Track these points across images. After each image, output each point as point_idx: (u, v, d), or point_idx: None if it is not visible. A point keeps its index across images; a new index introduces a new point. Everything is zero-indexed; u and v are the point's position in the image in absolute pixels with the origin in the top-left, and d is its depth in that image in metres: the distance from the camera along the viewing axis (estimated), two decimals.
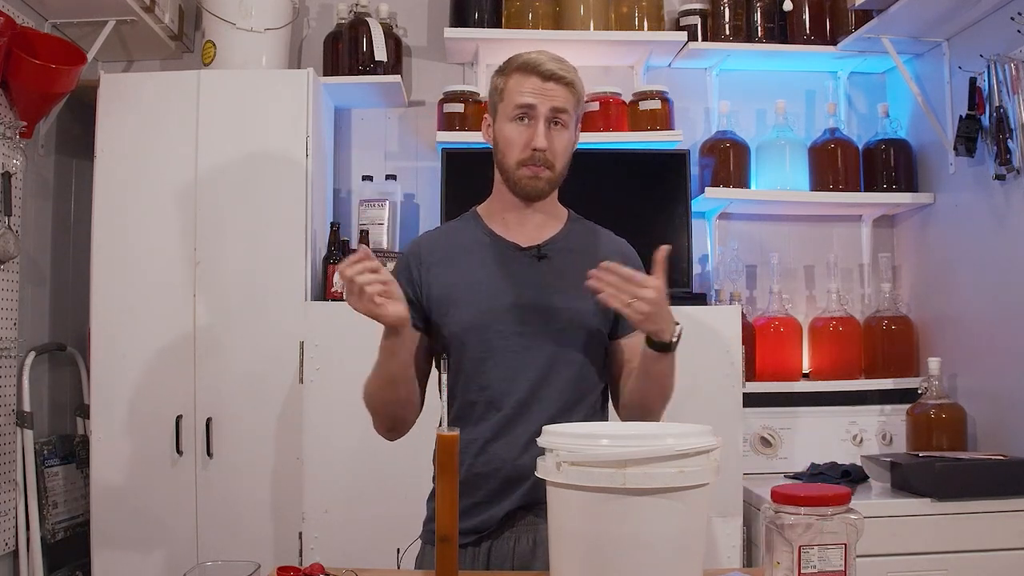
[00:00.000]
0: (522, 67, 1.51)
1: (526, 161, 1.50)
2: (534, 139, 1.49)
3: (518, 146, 1.51)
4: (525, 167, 1.51)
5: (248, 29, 2.63)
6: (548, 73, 1.49)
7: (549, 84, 1.49)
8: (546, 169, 1.51)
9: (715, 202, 2.84)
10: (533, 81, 1.49)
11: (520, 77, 1.51)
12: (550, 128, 1.50)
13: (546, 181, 1.52)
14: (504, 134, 1.52)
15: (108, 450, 2.42)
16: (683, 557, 1.10)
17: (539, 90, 1.49)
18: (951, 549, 2.19)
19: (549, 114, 1.49)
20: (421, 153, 2.96)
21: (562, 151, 1.52)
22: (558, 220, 1.61)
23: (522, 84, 1.50)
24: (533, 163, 1.50)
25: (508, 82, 1.52)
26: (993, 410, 2.51)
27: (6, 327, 2.40)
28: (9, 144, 2.38)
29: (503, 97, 1.53)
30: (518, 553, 1.47)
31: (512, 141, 1.51)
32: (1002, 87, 2.34)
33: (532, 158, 1.50)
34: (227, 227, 2.47)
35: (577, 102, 1.53)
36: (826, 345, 2.83)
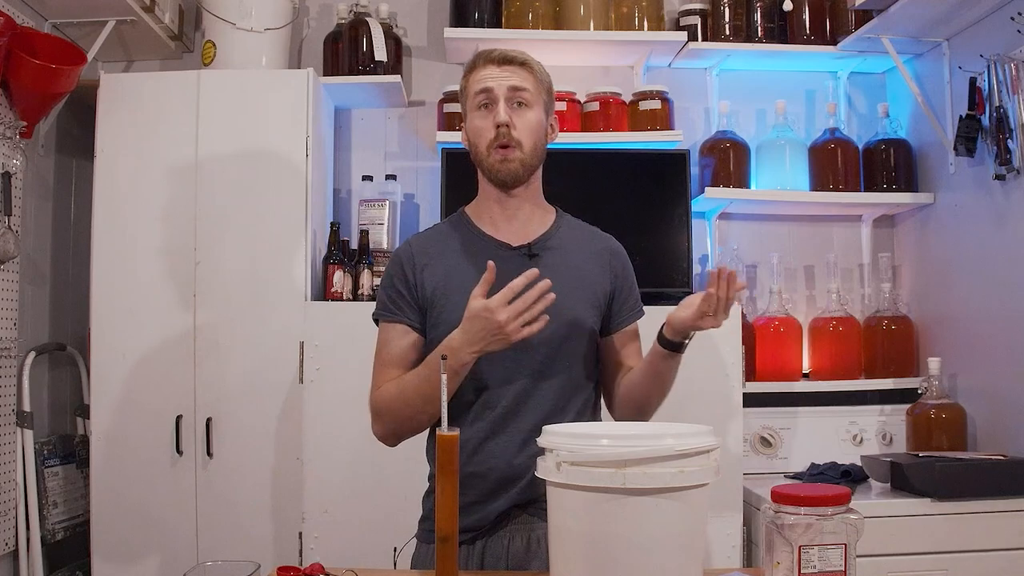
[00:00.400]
0: (476, 60, 1.55)
1: (493, 143, 1.51)
2: (496, 116, 1.50)
3: (484, 131, 1.52)
4: (495, 151, 1.52)
5: (248, 29, 2.63)
6: (501, 57, 1.52)
7: (504, 67, 1.52)
8: (515, 149, 1.51)
9: (715, 202, 2.84)
10: (488, 69, 1.53)
11: (477, 70, 1.54)
12: (512, 107, 1.51)
13: (518, 163, 1.52)
14: (474, 125, 1.55)
15: (108, 450, 2.42)
16: (683, 557, 1.10)
17: (495, 75, 1.52)
18: (951, 549, 2.19)
19: (508, 93, 1.51)
20: (421, 153, 2.96)
21: (528, 129, 1.52)
22: (546, 217, 1.61)
23: (479, 74, 1.53)
24: (500, 144, 1.51)
25: (468, 80, 1.56)
26: (993, 410, 2.51)
27: (6, 327, 2.40)
28: (9, 144, 2.38)
29: (466, 95, 1.56)
30: (512, 552, 1.47)
31: (479, 129, 1.53)
32: (1002, 87, 2.34)
33: (497, 137, 1.50)
34: (227, 227, 2.47)
35: (539, 84, 1.54)
36: (826, 345, 2.83)
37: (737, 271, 2.84)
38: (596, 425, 1.45)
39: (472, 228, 1.59)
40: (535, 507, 1.46)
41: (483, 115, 1.53)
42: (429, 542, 1.52)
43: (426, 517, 1.56)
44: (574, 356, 1.53)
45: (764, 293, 2.91)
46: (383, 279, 1.59)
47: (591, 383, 1.58)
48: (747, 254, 2.94)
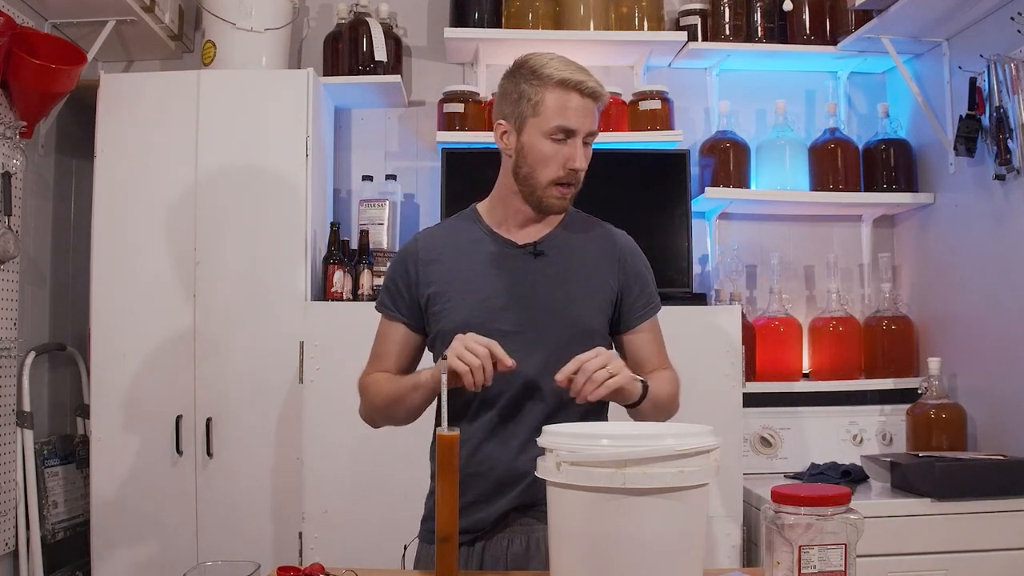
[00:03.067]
0: (562, 83, 1.46)
1: (560, 180, 1.49)
2: (573, 159, 1.47)
3: (554, 165, 1.48)
4: (558, 187, 1.50)
5: (248, 29, 2.63)
6: (590, 92, 1.46)
7: (587, 102, 1.47)
8: (573, 188, 1.51)
9: (715, 202, 2.84)
10: (574, 99, 1.46)
11: (561, 93, 1.46)
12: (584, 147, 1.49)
13: (571, 199, 1.53)
14: (539, 150, 1.48)
15: (108, 450, 2.42)
16: (683, 557, 1.10)
17: (582, 111, 1.46)
18: (951, 549, 2.19)
19: (586, 137, 1.49)
20: (421, 153, 2.96)
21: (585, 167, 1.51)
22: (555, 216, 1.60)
23: (565, 102, 1.46)
24: (566, 183, 1.49)
25: (546, 96, 1.46)
26: (993, 410, 2.51)
27: (6, 327, 2.40)
28: (9, 144, 2.38)
29: (538, 111, 1.47)
30: (512, 554, 1.47)
31: (548, 159, 1.48)
32: (1002, 87, 2.34)
33: (567, 177, 1.49)
34: (227, 227, 2.47)
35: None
36: (826, 345, 2.83)
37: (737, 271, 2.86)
38: (596, 425, 1.44)
39: (481, 225, 1.58)
40: (536, 510, 1.46)
41: (555, 147, 1.47)
42: (430, 542, 1.52)
43: (428, 517, 1.56)
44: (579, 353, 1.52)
45: (764, 293, 2.91)
46: (388, 272, 1.61)
47: None
48: (747, 254, 2.94)
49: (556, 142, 1.47)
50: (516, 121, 1.50)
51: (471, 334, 1.36)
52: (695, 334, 2.37)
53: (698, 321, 2.40)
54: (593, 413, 1.54)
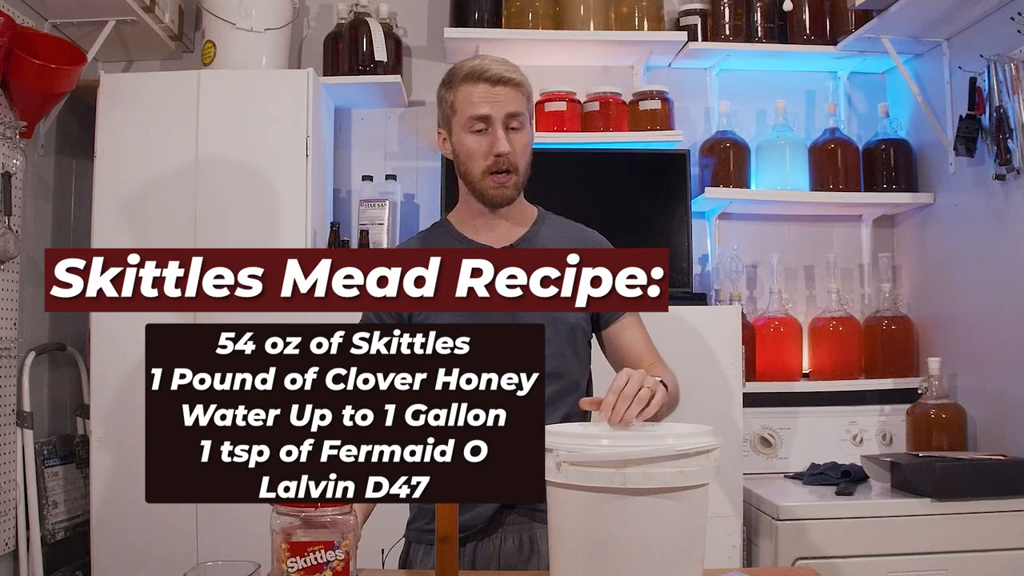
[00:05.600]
0: (468, 76, 1.52)
1: (491, 169, 1.52)
2: (495, 145, 1.50)
3: (480, 155, 1.52)
4: (490, 176, 1.52)
5: (248, 29, 2.63)
6: (496, 77, 1.50)
7: (499, 88, 1.50)
8: (511, 175, 1.53)
9: (715, 202, 2.84)
10: (482, 88, 1.51)
11: (469, 87, 1.52)
12: (508, 132, 1.51)
13: (513, 187, 1.54)
14: (464, 146, 1.54)
15: (108, 450, 2.41)
16: (683, 557, 1.10)
17: (490, 97, 1.50)
18: (951, 549, 2.19)
19: (504, 120, 1.51)
20: (421, 153, 2.96)
21: (522, 152, 1.54)
22: (527, 219, 1.62)
23: (472, 94, 1.51)
24: (498, 170, 1.52)
25: (457, 94, 1.53)
26: (993, 410, 2.51)
27: (6, 327, 2.39)
28: (9, 144, 2.38)
29: (455, 110, 1.54)
30: (504, 553, 1.47)
31: (473, 152, 1.53)
32: (1002, 87, 2.34)
33: (496, 164, 1.51)
34: (227, 227, 2.47)
35: (528, 101, 1.55)
36: (826, 345, 2.83)
37: (737, 271, 2.86)
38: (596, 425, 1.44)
39: (454, 233, 1.61)
40: (526, 507, 1.46)
41: (477, 139, 1.52)
42: (418, 542, 1.52)
43: (414, 518, 1.56)
44: (558, 355, 1.52)
45: (764, 293, 2.91)
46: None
47: (582, 382, 1.58)
48: (747, 254, 2.94)
49: (476, 133, 1.52)
50: (445, 125, 1.58)
51: None
52: (695, 334, 2.37)
53: (698, 321, 2.40)
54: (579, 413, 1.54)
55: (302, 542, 1.11)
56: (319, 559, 1.11)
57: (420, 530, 1.53)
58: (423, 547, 1.53)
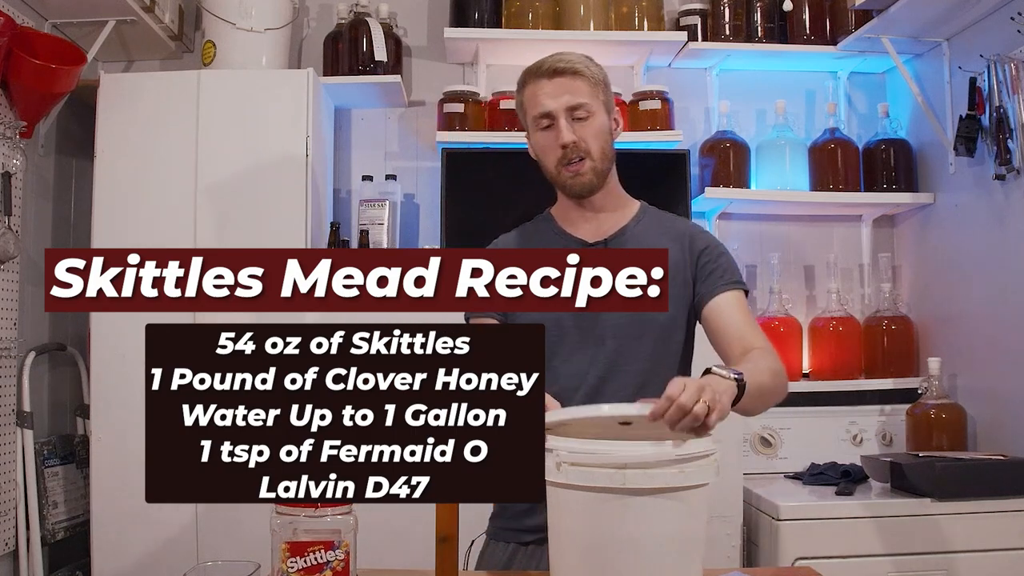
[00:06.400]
0: (527, 75, 1.53)
1: (561, 160, 1.51)
2: (559, 136, 1.50)
3: (550, 150, 1.52)
4: (564, 168, 1.52)
5: (248, 29, 2.63)
6: (551, 70, 1.50)
7: (556, 81, 1.50)
8: (584, 161, 1.51)
9: (715, 202, 2.84)
10: (540, 84, 1.51)
11: (531, 87, 1.53)
12: (573, 123, 1.50)
13: (589, 173, 1.52)
14: (537, 144, 1.55)
15: (108, 450, 2.41)
16: (683, 557, 1.10)
17: (548, 92, 1.50)
18: (951, 549, 2.19)
19: (567, 111, 1.50)
20: (421, 153, 2.96)
21: (594, 136, 1.51)
22: (627, 212, 1.61)
23: (534, 93, 1.52)
24: (568, 161, 1.51)
25: (523, 96, 1.55)
26: (993, 410, 2.51)
27: (6, 327, 2.39)
28: (9, 144, 2.38)
29: (524, 112, 1.56)
30: None
31: (544, 149, 1.53)
32: (1002, 87, 2.34)
33: (565, 156, 1.51)
34: (227, 227, 2.47)
35: (594, 87, 1.52)
36: (826, 345, 2.83)
37: None
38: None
39: (553, 226, 1.61)
40: None
41: (545, 135, 1.52)
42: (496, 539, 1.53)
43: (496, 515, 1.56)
44: (649, 351, 1.50)
45: (764, 293, 2.91)
46: None
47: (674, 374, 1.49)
48: (747, 254, 2.94)
49: (545, 130, 1.52)
50: (525, 128, 1.59)
51: None
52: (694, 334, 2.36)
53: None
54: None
55: (302, 542, 1.11)
56: (319, 559, 1.11)
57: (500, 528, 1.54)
58: (500, 544, 1.54)
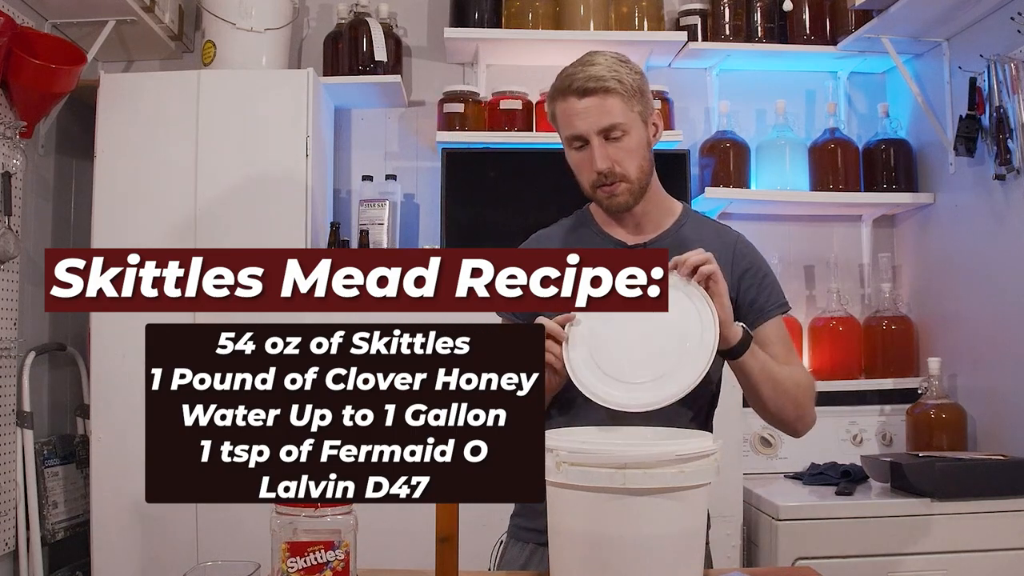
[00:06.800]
0: (559, 91, 1.46)
1: (596, 183, 1.47)
2: (593, 163, 1.45)
3: (585, 171, 1.47)
4: (599, 189, 1.48)
5: (248, 29, 2.63)
6: (581, 90, 1.42)
7: (587, 101, 1.43)
8: (620, 183, 1.46)
9: (715, 202, 2.84)
10: (572, 104, 1.44)
11: (562, 103, 1.46)
12: (606, 143, 1.44)
13: (625, 193, 1.48)
14: (571, 160, 1.50)
15: (108, 450, 2.41)
16: (683, 557, 1.10)
17: (580, 113, 1.43)
18: (951, 549, 2.19)
19: (599, 134, 1.44)
20: (421, 153, 2.96)
21: (629, 157, 1.46)
22: (669, 215, 1.57)
23: (566, 110, 1.45)
24: (603, 184, 1.46)
25: (556, 109, 1.48)
26: (993, 410, 2.51)
27: (6, 327, 2.39)
28: (9, 144, 2.38)
29: (557, 125, 1.50)
30: None
31: (579, 167, 1.49)
32: (1002, 87, 2.34)
33: (599, 179, 1.46)
34: (227, 227, 2.47)
35: (629, 102, 1.44)
36: (826, 345, 2.83)
37: None
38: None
39: (592, 225, 1.57)
40: None
41: (579, 155, 1.47)
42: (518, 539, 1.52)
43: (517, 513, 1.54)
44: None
45: None
46: None
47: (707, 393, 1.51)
48: None
49: (578, 150, 1.47)
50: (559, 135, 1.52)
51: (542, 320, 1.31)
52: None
53: None
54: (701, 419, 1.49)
55: (302, 542, 1.11)
56: (319, 559, 1.11)
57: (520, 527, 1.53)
58: (519, 544, 1.52)
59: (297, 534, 1.12)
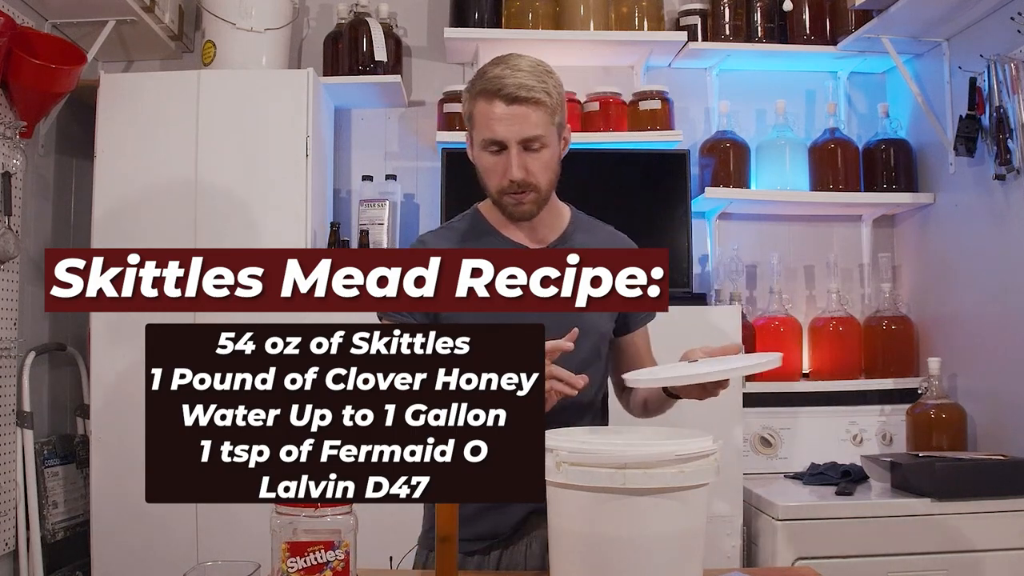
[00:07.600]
0: (485, 91, 1.41)
1: (507, 190, 1.44)
2: (509, 171, 1.41)
3: (496, 176, 1.44)
4: (508, 196, 1.45)
5: (248, 29, 2.63)
6: (510, 96, 1.38)
7: (515, 108, 1.38)
8: (530, 192, 1.44)
9: (715, 202, 2.84)
10: (498, 108, 1.39)
11: (485, 104, 1.41)
12: (524, 153, 1.41)
13: (532, 203, 1.46)
14: (481, 163, 1.46)
15: (108, 450, 2.41)
16: (683, 557, 1.10)
17: (505, 117, 1.39)
18: (951, 549, 2.19)
19: (519, 144, 1.40)
20: (421, 153, 2.96)
21: (543, 169, 1.44)
22: (561, 218, 1.57)
23: (488, 112, 1.40)
24: (513, 191, 1.44)
25: (475, 108, 1.43)
26: (993, 410, 2.51)
27: (6, 327, 2.39)
28: (9, 144, 2.38)
29: (473, 123, 1.45)
30: (530, 557, 1.45)
31: (489, 171, 1.45)
32: (1002, 87, 2.34)
33: (511, 187, 1.43)
34: (227, 227, 2.47)
35: (551, 114, 1.42)
36: (826, 345, 2.83)
37: (737, 271, 2.86)
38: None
39: (487, 227, 1.54)
40: None
41: (493, 159, 1.43)
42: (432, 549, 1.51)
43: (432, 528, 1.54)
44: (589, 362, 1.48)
45: (764, 293, 2.91)
46: None
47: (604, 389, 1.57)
48: (747, 254, 2.94)
49: (493, 154, 1.43)
50: (468, 133, 1.49)
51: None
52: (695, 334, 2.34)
53: (698, 321, 2.40)
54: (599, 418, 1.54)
55: (302, 542, 1.11)
56: (319, 559, 1.12)
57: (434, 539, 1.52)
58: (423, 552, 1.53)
59: (297, 534, 1.12)
